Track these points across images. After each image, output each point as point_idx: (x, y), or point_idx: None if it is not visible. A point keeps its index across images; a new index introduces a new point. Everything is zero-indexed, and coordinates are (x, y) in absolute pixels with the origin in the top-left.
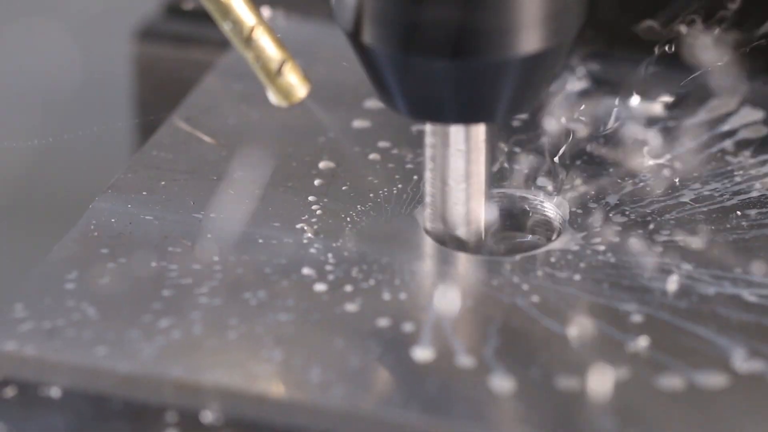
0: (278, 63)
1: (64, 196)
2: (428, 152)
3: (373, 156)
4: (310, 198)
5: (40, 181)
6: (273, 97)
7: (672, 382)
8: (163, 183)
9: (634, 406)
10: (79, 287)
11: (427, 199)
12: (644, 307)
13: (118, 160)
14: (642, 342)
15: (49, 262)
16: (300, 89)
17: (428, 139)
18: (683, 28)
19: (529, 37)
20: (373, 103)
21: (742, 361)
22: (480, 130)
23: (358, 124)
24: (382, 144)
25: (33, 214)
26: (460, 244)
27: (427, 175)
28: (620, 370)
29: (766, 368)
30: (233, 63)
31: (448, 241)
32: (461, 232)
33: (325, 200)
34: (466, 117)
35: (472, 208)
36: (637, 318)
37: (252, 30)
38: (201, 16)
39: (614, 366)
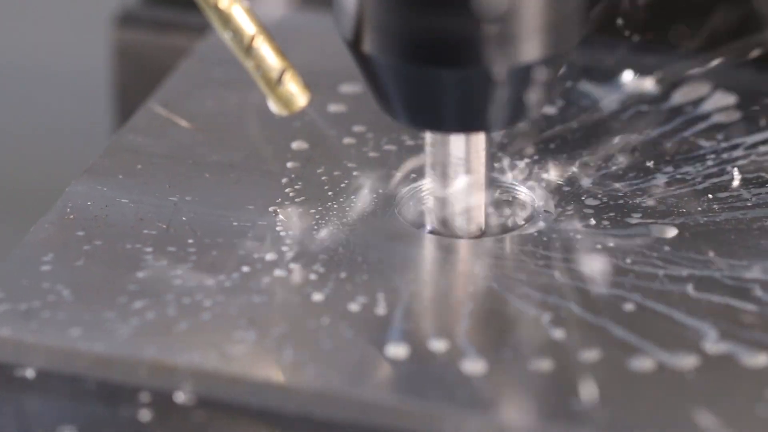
0: (278, 72)
1: (40, 179)
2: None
3: (348, 140)
4: (284, 180)
5: (17, 165)
6: (273, 106)
7: (644, 363)
8: (139, 166)
9: (606, 387)
10: (54, 269)
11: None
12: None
13: (95, 144)
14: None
15: (25, 245)
16: (300, 98)
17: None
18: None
19: (530, 47)
20: (349, 88)
21: (712, 343)
22: (480, 138)
23: (334, 108)
24: (358, 128)
25: (9, 198)
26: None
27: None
28: (592, 351)
29: (735, 349)
30: (211, 48)
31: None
32: (461, 227)
33: (300, 184)
34: (466, 126)
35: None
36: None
37: (252, 39)
38: (180, 1)
39: (587, 347)
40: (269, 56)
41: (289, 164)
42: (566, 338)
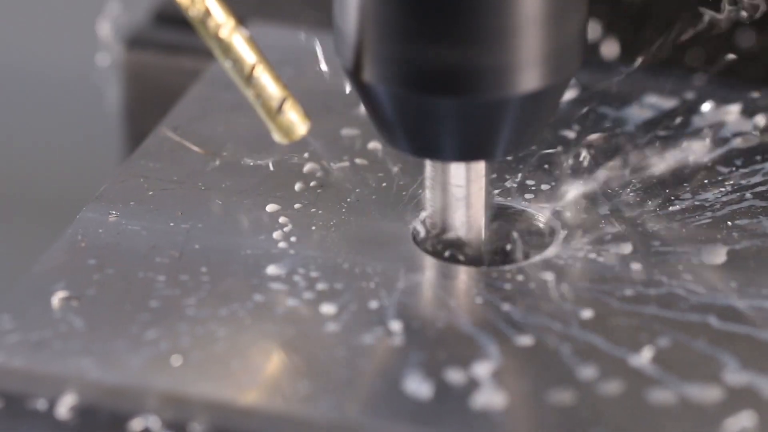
0: (279, 101)
1: (51, 205)
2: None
3: (360, 161)
4: (297, 206)
5: (28, 191)
6: (274, 135)
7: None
8: (150, 193)
9: (625, 420)
10: (66, 298)
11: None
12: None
13: (105, 167)
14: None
15: (36, 273)
16: (300, 127)
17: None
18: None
19: (530, 76)
20: (363, 111)
21: (733, 373)
22: (480, 167)
23: (347, 132)
24: (371, 149)
25: (20, 223)
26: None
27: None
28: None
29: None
30: (222, 72)
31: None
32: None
33: (313, 210)
34: (466, 155)
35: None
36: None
37: (253, 68)
38: (189, 24)
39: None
40: (269, 85)
41: (300, 189)
42: (585, 370)
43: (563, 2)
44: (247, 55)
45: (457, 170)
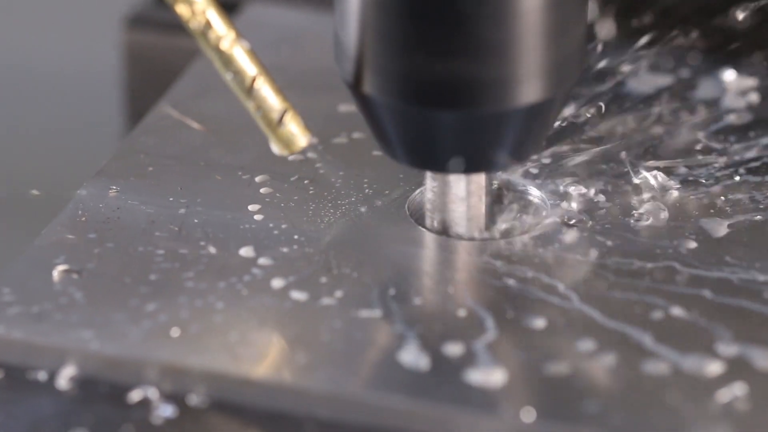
0: (279, 113)
1: (51, 181)
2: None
3: (357, 135)
4: (293, 179)
5: (28, 167)
6: (274, 147)
7: (658, 367)
8: (150, 169)
9: (620, 390)
10: (66, 271)
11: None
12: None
13: (106, 145)
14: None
15: (37, 247)
16: (301, 138)
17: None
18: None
19: (530, 88)
20: None
21: (726, 345)
22: (480, 178)
23: (344, 108)
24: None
25: (20, 200)
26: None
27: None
28: (608, 355)
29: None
30: None
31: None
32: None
33: (311, 189)
34: (468, 167)
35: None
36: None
37: (253, 80)
38: None
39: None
40: (270, 97)
41: (299, 167)
42: (580, 341)
43: (563, 15)
44: (248, 67)
45: (457, 182)
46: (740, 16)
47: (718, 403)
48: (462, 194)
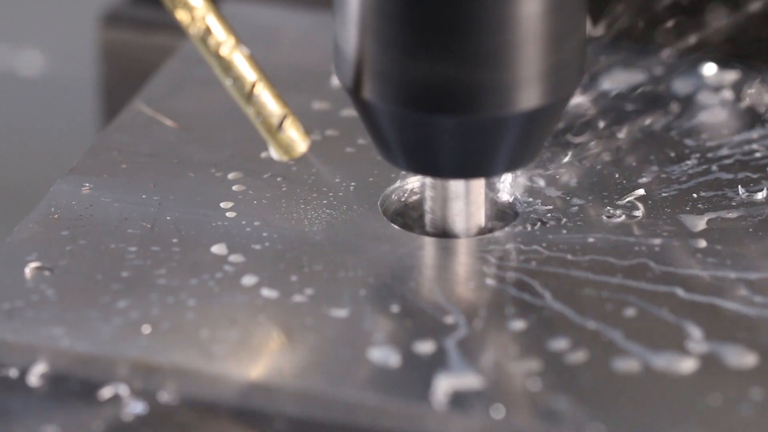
0: (279, 119)
1: (25, 178)
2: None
3: (330, 132)
4: (266, 176)
5: (3, 164)
6: (273, 152)
7: (629, 364)
8: (124, 166)
9: (591, 388)
10: (38, 268)
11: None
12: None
13: (80, 143)
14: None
15: (8, 244)
16: (300, 144)
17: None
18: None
19: (529, 94)
20: (334, 86)
21: (696, 342)
22: (479, 183)
23: (318, 105)
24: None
25: None
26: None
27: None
28: (579, 353)
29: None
30: (195, 48)
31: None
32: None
33: (284, 186)
34: (465, 172)
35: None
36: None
37: (253, 86)
38: None
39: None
40: (270, 103)
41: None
42: (553, 339)
43: (562, 21)
44: (248, 72)
45: (456, 187)
46: (715, 11)
47: (689, 401)
48: (461, 197)
